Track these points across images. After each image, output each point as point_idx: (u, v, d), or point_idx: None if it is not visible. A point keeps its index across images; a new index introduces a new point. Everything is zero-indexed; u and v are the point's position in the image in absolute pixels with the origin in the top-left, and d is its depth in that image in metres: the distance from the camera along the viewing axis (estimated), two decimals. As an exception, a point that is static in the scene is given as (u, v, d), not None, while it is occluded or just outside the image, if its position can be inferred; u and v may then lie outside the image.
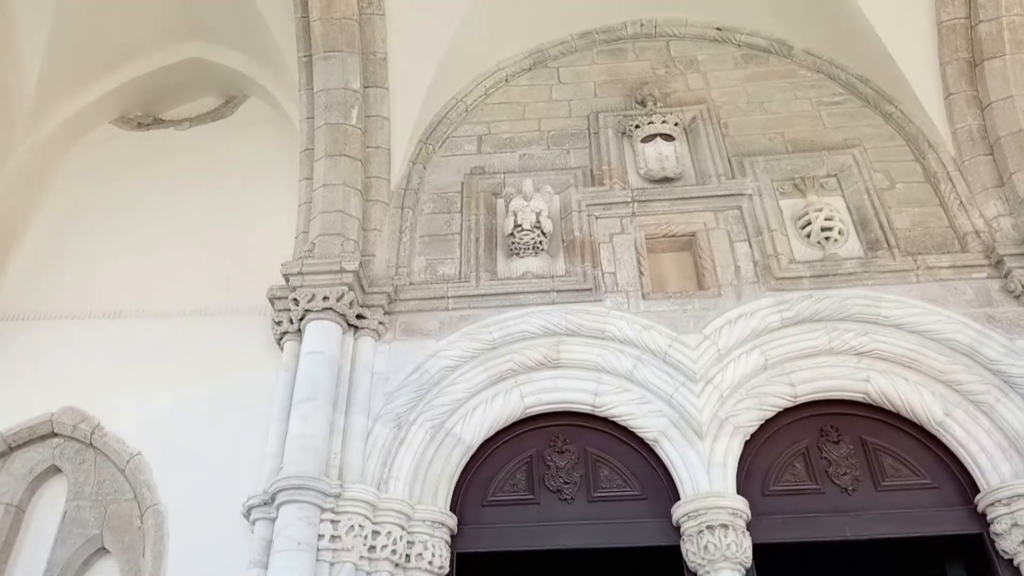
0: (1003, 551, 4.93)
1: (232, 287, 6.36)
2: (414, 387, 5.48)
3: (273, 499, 4.80)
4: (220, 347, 6.06)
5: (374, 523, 4.94)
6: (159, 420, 5.75)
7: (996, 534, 4.96)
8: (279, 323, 5.70)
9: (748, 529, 5.00)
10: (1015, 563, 4.88)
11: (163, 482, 5.48)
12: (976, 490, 5.14)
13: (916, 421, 5.42)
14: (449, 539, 5.19)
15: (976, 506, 5.11)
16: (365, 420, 5.34)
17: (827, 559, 7.66)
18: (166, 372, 6.00)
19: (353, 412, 5.34)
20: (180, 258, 6.68)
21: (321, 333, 5.45)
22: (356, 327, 5.70)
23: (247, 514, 4.96)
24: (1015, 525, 4.87)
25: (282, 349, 5.65)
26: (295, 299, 5.61)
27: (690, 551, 4.97)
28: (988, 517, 5.02)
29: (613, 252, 6.17)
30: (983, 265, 5.72)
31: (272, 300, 5.79)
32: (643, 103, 7.14)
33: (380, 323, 5.77)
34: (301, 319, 5.58)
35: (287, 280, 5.72)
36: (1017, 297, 5.55)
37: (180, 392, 5.87)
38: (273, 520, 4.78)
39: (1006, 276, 5.60)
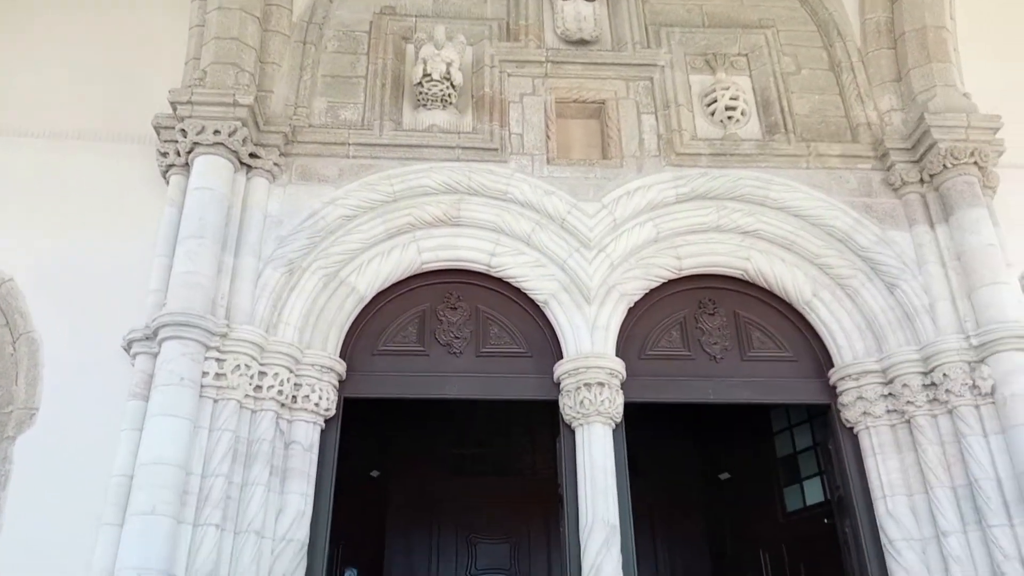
0: (846, 420, 5.47)
1: (114, 111, 5.94)
2: (308, 233, 5.38)
3: (156, 334, 4.72)
4: (100, 174, 5.73)
5: (261, 364, 4.96)
6: (33, 247, 5.47)
7: (843, 404, 5.48)
8: (165, 155, 5.40)
9: (622, 388, 5.34)
10: (855, 431, 5.44)
11: (38, 310, 5.29)
12: (831, 365, 5.62)
13: (787, 299, 5.80)
14: (337, 384, 5.30)
15: (829, 379, 5.59)
16: (256, 262, 5.23)
17: (692, 419, 8.31)
18: (40, 197, 5.65)
19: (243, 254, 5.21)
20: (56, 76, 6.12)
21: (210, 169, 5.21)
22: (249, 166, 5.46)
23: (127, 347, 4.87)
24: (860, 398, 5.38)
25: (168, 183, 5.38)
26: (183, 130, 5.29)
27: (567, 405, 5.27)
28: (838, 390, 5.53)
29: (523, 113, 6.07)
30: (869, 156, 5.96)
31: (158, 129, 5.45)
32: (568, -45, 6.83)
33: (275, 164, 5.55)
34: (189, 152, 5.29)
35: (175, 109, 5.37)
36: (895, 189, 5.84)
37: (56, 219, 5.57)
38: (155, 355, 4.73)
39: (889, 169, 5.87)
